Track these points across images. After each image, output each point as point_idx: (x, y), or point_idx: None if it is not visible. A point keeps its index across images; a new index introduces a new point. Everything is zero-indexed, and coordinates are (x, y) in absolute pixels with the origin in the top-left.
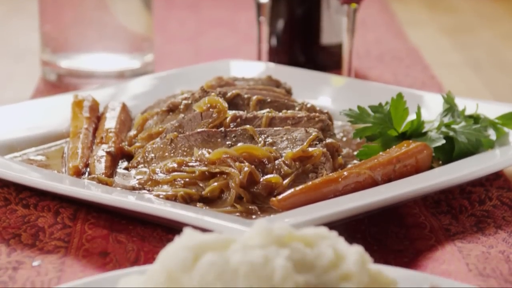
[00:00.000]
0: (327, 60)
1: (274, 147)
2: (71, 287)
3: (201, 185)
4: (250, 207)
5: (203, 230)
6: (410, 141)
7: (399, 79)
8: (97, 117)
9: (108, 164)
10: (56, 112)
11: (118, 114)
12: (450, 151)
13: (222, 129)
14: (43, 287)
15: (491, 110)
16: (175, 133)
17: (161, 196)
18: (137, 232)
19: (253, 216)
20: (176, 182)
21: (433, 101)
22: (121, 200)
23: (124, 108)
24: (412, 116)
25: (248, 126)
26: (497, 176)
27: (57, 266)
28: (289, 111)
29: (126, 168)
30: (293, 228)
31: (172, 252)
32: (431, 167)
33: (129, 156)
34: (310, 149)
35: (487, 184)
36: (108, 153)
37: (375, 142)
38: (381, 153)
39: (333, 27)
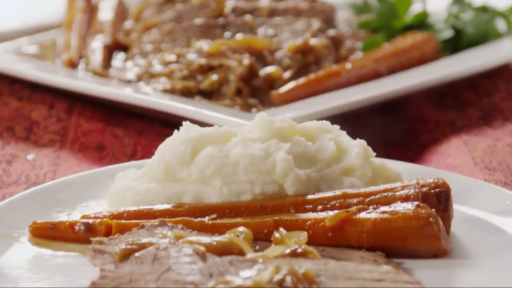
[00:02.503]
0: None
1: (275, 39)
2: (67, 180)
3: (199, 78)
4: (250, 100)
5: (202, 123)
6: (416, 32)
7: None
8: (92, 8)
9: (103, 56)
10: (49, 0)
11: (114, 4)
12: (457, 43)
13: (221, 19)
14: (38, 181)
15: (501, 0)
16: (173, 24)
17: (158, 89)
18: (134, 126)
19: (253, 110)
20: (173, 75)
21: None
22: (117, 93)
23: None
24: (418, 7)
25: (248, 16)
26: (505, 68)
27: (52, 159)
28: (290, 0)
29: (122, 61)
30: (294, 121)
31: (170, 146)
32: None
33: (125, 48)
34: (313, 40)
35: (495, 76)
36: (103, 44)
37: (380, 34)
38: (385, 44)
39: None
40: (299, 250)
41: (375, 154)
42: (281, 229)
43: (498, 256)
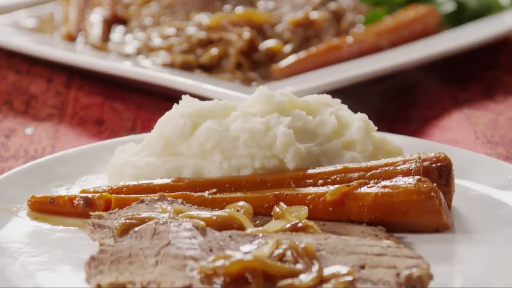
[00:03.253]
0: None
1: (276, 12)
2: (66, 154)
3: (199, 52)
4: (250, 74)
5: (202, 98)
6: (417, 5)
7: None
8: None
9: (102, 29)
10: None
11: None
12: (459, 16)
13: None
14: (37, 155)
15: None
16: None
17: (157, 63)
18: (133, 100)
19: (253, 84)
20: (173, 49)
21: None
22: (116, 67)
23: None
24: None
25: None
26: (507, 41)
27: (50, 134)
28: None
29: (121, 34)
30: (295, 95)
31: (170, 120)
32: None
33: (124, 22)
34: (313, 14)
35: (497, 49)
36: (102, 18)
37: (381, 7)
38: (387, 18)
39: None
40: (300, 225)
41: (376, 128)
42: (281, 203)
43: (499, 231)
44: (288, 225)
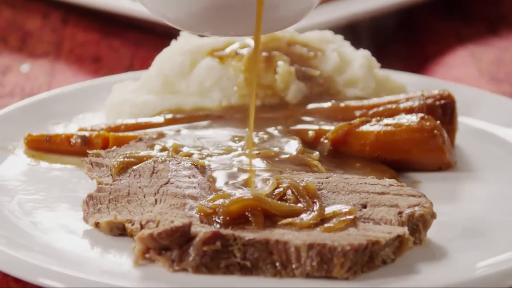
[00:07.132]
0: None
1: None
2: (63, 92)
3: None
4: None
5: (201, 35)
6: None
7: None
8: None
9: None
10: None
11: None
12: None
13: None
14: (33, 92)
15: None
16: None
17: None
18: (131, 37)
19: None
20: None
21: None
22: (114, 4)
23: None
24: None
25: None
26: None
27: (47, 71)
28: None
29: None
30: (296, 32)
31: (168, 57)
32: None
33: None
34: None
35: None
36: None
37: None
38: None
39: None
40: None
41: (379, 65)
42: None
43: (503, 169)
44: None
